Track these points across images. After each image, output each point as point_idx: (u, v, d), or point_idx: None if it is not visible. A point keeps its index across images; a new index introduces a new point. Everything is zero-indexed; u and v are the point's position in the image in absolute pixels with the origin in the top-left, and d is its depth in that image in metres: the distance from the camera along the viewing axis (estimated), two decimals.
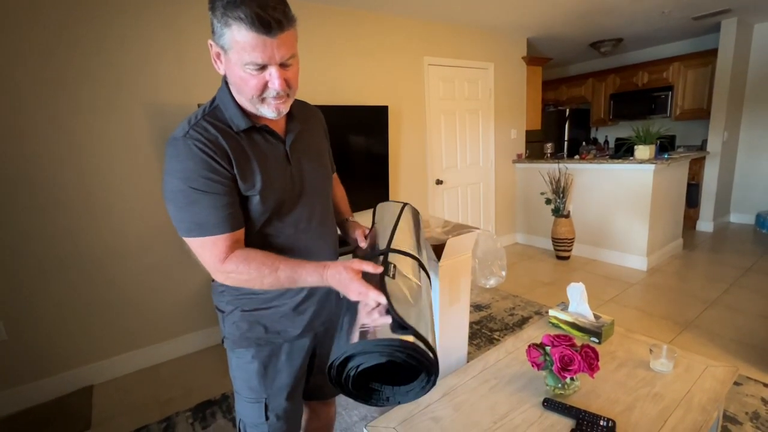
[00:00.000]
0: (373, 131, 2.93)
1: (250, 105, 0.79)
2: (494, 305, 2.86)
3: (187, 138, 0.75)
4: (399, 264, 0.81)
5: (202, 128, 0.77)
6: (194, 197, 0.74)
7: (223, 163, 0.76)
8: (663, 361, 1.24)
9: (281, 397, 0.96)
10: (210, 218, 0.75)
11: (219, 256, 0.77)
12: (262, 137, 0.84)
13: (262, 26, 0.68)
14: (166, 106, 2.25)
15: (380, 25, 3.07)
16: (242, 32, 0.69)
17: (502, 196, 4.23)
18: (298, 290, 0.92)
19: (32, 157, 1.94)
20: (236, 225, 0.78)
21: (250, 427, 0.97)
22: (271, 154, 0.85)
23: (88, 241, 2.11)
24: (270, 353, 0.93)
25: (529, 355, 1.17)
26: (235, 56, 0.72)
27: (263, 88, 0.76)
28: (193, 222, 0.75)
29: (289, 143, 0.88)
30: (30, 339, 2.01)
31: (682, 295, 2.83)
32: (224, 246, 0.77)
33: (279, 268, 0.78)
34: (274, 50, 0.72)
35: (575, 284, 1.51)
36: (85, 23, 1.99)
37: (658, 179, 3.22)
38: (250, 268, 0.77)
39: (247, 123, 0.81)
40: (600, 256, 3.64)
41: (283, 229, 0.88)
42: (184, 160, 0.73)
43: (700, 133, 4.72)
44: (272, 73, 0.74)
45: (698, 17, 3.81)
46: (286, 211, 0.87)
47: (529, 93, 4.33)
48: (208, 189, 0.74)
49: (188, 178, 0.73)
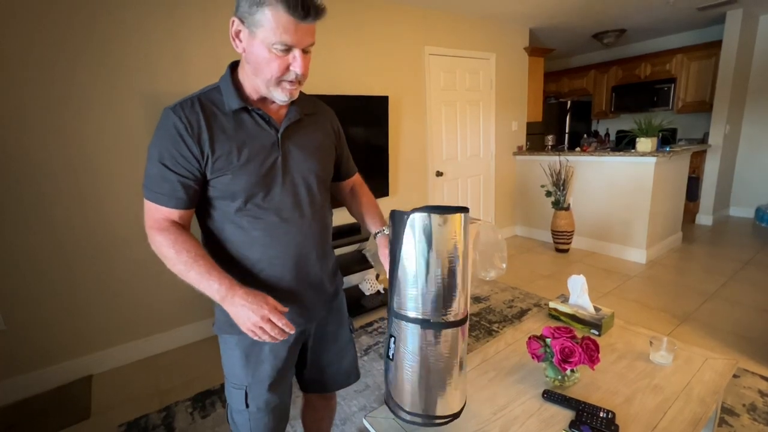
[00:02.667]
0: (373, 121, 2.90)
1: (264, 87, 0.82)
2: (493, 297, 2.86)
3: (173, 111, 0.80)
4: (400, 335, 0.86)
5: (189, 105, 0.82)
6: (158, 167, 0.80)
7: (193, 145, 0.80)
8: (663, 353, 1.24)
9: (262, 387, 0.96)
10: (162, 189, 0.81)
11: (153, 223, 0.83)
12: (253, 120, 0.86)
13: (302, 11, 0.72)
14: (164, 96, 2.21)
15: (381, 13, 3.02)
16: (279, 13, 0.72)
17: (502, 188, 4.21)
18: (286, 280, 0.93)
19: (29, 148, 1.91)
20: (181, 205, 0.83)
21: (234, 412, 0.99)
22: (258, 137, 0.86)
23: (86, 231, 2.09)
24: (253, 343, 0.94)
25: (529, 347, 1.17)
26: (264, 35, 0.74)
27: (285, 71, 0.79)
28: (149, 184, 0.82)
29: (282, 130, 0.88)
30: (29, 329, 2.00)
31: (681, 288, 2.83)
32: (161, 216, 0.83)
33: (197, 264, 0.80)
34: (303, 35, 0.76)
35: (576, 276, 1.50)
36: (83, 13, 1.94)
37: (659, 172, 3.21)
38: (170, 249, 0.81)
39: (239, 104, 0.83)
40: (599, 249, 3.64)
41: (265, 216, 0.88)
42: (162, 134, 0.80)
43: (702, 126, 4.70)
44: (296, 56, 0.78)
45: (703, 8, 3.76)
46: (264, 195, 0.87)
47: (530, 84, 4.29)
48: (171, 167, 0.80)
49: (160, 151, 0.80)
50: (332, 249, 1.10)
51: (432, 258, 0.81)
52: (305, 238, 0.94)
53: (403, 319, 0.85)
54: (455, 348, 0.86)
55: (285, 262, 0.92)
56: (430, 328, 0.83)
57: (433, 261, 0.81)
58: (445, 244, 0.81)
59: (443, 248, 0.81)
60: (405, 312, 0.85)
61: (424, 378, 0.86)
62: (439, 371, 0.86)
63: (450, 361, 0.86)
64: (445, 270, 0.82)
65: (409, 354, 0.85)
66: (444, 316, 0.83)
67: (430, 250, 0.80)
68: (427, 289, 0.82)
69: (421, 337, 0.84)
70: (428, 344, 0.84)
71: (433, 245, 0.80)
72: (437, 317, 0.83)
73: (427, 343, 0.84)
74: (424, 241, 0.80)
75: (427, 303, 0.83)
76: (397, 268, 0.85)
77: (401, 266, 0.84)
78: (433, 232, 0.80)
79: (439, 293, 0.82)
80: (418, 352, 0.85)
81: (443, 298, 0.82)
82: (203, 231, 0.93)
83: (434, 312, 0.83)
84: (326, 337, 1.09)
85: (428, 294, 0.82)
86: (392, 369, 0.90)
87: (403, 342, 0.86)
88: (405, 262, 0.83)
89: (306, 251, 0.95)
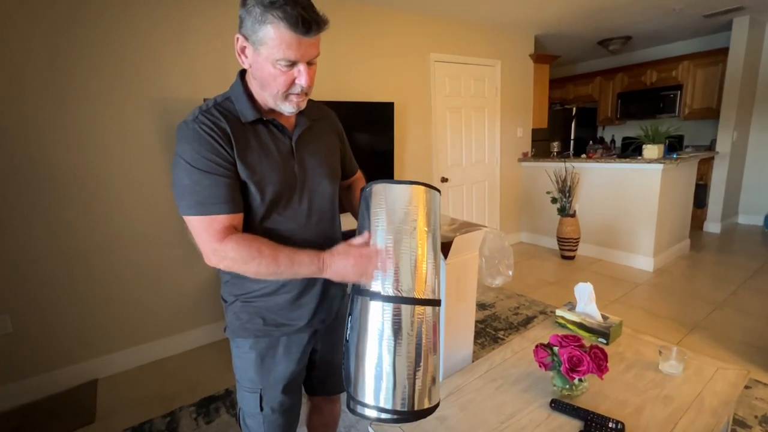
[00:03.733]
0: (379, 128, 2.92)
1: (272, 101, 0.82)
2: (498, 304, 2.84)
3: (195, 122, 0.79)
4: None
5: (210, 114, 0.81)
6: (197, 177, 0.77)
7: (226, 147, 0.79)
8: (672, 362, 1.22)
9: (276, 389, 0.96)
10: (210, 197, 0.77)
11: (216, 236, 0.78)
12: (268, 130, 0.87)
13: (303, 26, 0.72)
14: (172, 101, 2.24)
15: (387, 21, 3.05)
16: (281, 30, 0.72)
17: (507, 194, 4.20)
18: (296, 283, 0.93)
19: (38, 151, 1.94)
20: (235, 208, 0.80)
21: (247, 417, 0.99)
22: (275, 146, 0.87)
23: (93, 236, 2.11)
24: (267, 345, 0.94)
25: (536, 356, 1.16)
26: (268, 52, 0.75)
27: (290, 85, 0.79)
28: (193, 200, 0.77)
29: (296, 138, 0.90)
30: (36, 332, 2.02)
31: (690, 296, 2.80)
32: (221, 226, 0.78)
33: (280, 252, 0.79)
34: (307, 49, 0.76)
35: (583, 284, 1.49)
36: (93, 18, 1.98)
37: (666, 179, 3.19)
38: (251, 249, 0.78)
39: (255, 115, 0.84)
40: (606, 256, 3.61)
41: (285, 224, 0.89)
42: (191, 141, 0.77)
43: (709, 133, 4.67)
44: (301, 70, 0.78)
45: (709, 15, 3.76)
46: (285, 204, 0.88)
47: (535, 91, 4.29)
48: (210, 170, 0.77)
49: (193, 159, 0.77)
50: None
51: (383, 227, 0.78)
52: (322, 242, 0.95)
53: (361, 293, 0.80)
54: (413, 329, 0.78)
55: None
56: (385, 302, 0.77)
57: (386, 230, 0.78)
58: (398, 215, 0.78)
59: (396, 218, 0.78)
60: (364, 286, 0.80)
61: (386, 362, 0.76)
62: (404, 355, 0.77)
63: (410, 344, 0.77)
64: (400, 241, 0.78)
65: (367, 334, 0.78)
66: (399, 291, 0.77)
67: (386, 220, 0.78)
68: (382, 261, 0.78)
69: (379, 312, 0.77)
70: (385, 321, 0.77)
71: (386, 215, 0.78)
72: (393, 291, 0.77)
73: (384, 320, 0.77)
74: (380, 211, 0.79)
75: (384, 276, 0.78)
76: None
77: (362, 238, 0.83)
78: (387, 200, 0.79)
79: (392, 266, 0.77)
80: (373, 330, 0.77)
81: (396, 272, 0.77)
82: None
83: (390, 286, 0.77)
84: (335, 337, 1.10)
85: (382, 266, 0.78)
86: (350, 354, 0.81)
87: (361, 320, 0.79)
88: (362, 231, 0.83)
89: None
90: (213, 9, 2.30)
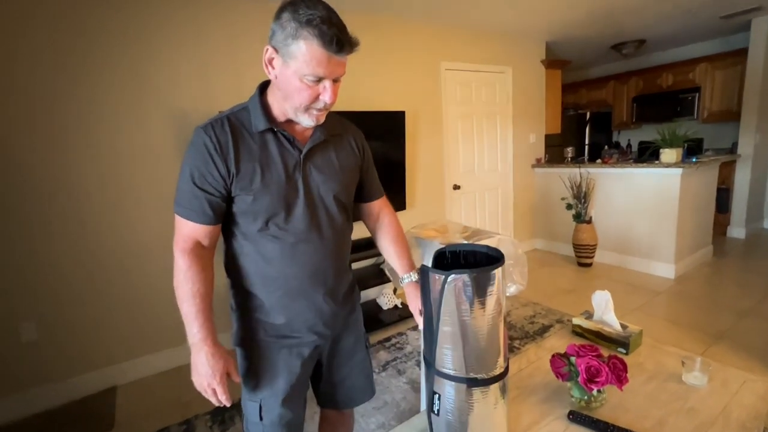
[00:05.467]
0: (390, 137, 2.93)
1: (292, 112, 0.84)
2: (513, 312, 2.79)
3: (204, 130, 0.84)
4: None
5: (219, 124, 0.85)
6: (189, 185, 0.84)
7: (220, 164, 0.83)
8: (696, 374, 1.17)
9: (275, 401, 0.96)
10: (192, 205, 0.84)
11: (180, 237, 0.86)
12: (278, 141, 0.88)
13: (336, 46, 0.75)
14: (189, 113, 2.31)
15: (397, 30, 3.08)
16: (314, 47, 0.74)
17: (520, 201, 4.16)
18: (292, 295, 0.93)
19: (62, 164, 2.02)
20: (208, 221, 0.86)
21: (250, 424, 0.99)
22: (281, 158, 0.87)
23: (113, 245, 2.17)
24: (266, 357, 0.95)
25: (553, 366, 1.13)
26: (297, 66, 0.77)
27: (314, 99, 0.81)
28: (180, 200, 0.85)
29: (306, 151, 0.90)
30: (59, 339, 2.08)
31: (714, 304, 2.70)
32: (189, 233, 0.85)
33: (193, 300, 0.85)
34: (335, 67, 0.79)
35: (600, 292, 1.45)
36: (114, 33, 2.07)
37: (686, 183, 3.11)
38: (179, 274, 0.84)
39: (265, 125, 0.86)
40: (624, 263, 3.52)
41: (285, 237, 0.89)
42: (194, 152, 0.84)
43: (730, 136, 4.54)
44: (326, 86, 0.81)
45: (726, 16, 3.68)
46: (285, 216, 0.88)
47: (548, 97, 4.26)
48: (200, 185, 0.84)
49: (191, 170, 0.84)
50: (350, 266, 1.10)
51: (472, 318, 0.76)
52: (323, 258, 0.95)
53: (443, 376, 0.81)
54: (497, 401, 0.82)
55: (301, 280, 0.93)
56: (473, 386, 0.79)
57: (473, 321, 0.76)
58: (486, 302, 0.77)
59: (485, 305, 0.77)
60: (444, 370, 0.81)
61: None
62: (482, 426, 0.82)
63: (486, 415, 0.81)
64: (487, 327, 0.78)
65: (452, 410, 0.82)
66: (486, 372, 0.79)
67: (471, 311, 0.76)
68: (468, 350, 0.78)
69: (463, 393, 0.80)
70: (469, 401, 0.80)
71: (474, 305, 0.76)
72: (478, 374, 0.79)
73: (468, 400, 0.80)
74: (465, 301, 0.76)
75: (469, 361, 0.78)
76: (436, 330, 0.80)
77: (440, 329, 0.79)
78: (474, 293, 0.75)
79: (480, 352, 0.78)
80: (459, 408, 0.81)
81: (485, 356, 0.79)
82: (226, 244, 0.95)
83: (475, 370, 0.79)
84: (341, 353, 1.09)
85: (469, 354, 0.78)
86: (437, 424, 0.86)
87: (445, 398, 0.82)
88: (443, 326, 0.79)
89: (323, 269, 0.95)
90: (229, 29, 2.37)
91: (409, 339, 2.53)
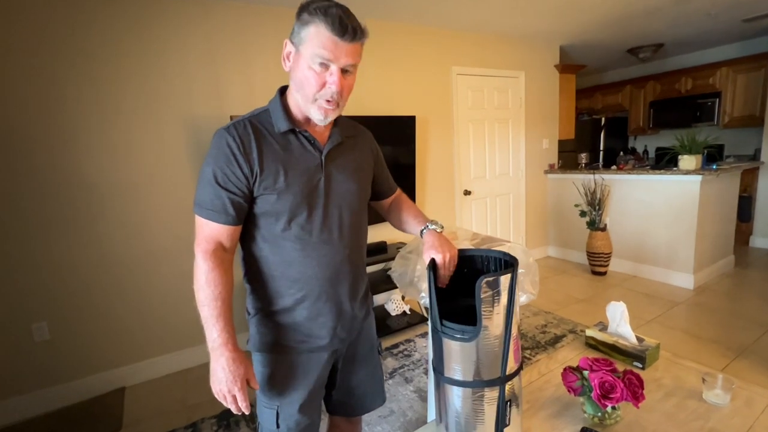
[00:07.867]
0: (401, 141, 2.92)
1: (303, 103, 0.86)
2: (525, 321, 2.73)
3: (227, 131, 0.84)
4: None
5: (242, 126, 0.86)
6: (211, 185, 0.84)
7: (244, 164, 0.83)
8: (718, 392, 1.12)
9: (293, 408, 0.95)
10: (214, 205, 0.84)
11: (202, 238, 0.86)
12: (299, 142, 0.89)
13: (341, 28, 0.78)
14: (201, 119, 2.33)
15: (408, 36, 3.08)
16: (320, 29, 0.78)
17: (533, 207, 4.09)
18: (312, 299, 0.93)
19: (78, 167, 2.06)
20: (230, 221, 0.85)
21: (265, 431, 0.98)
22: (303, 158, 0.88)
23: (125, 248, 2.20)
24: (285, 362, 0.94)
25: (564, 379, 1.09)
26: (305, 50, 0.80)
27: (321, 86, 0.82)
28: (201, 201, 0.85)
29: (326, 152, 0.91)
30: (70, 340, 2.11)
31: (735, 317, 2.59)
32: (210, 233, 0.86)
33: (214, 303, 0.83)
34: (341, 52, 0.80)
35: (615, 303, 1.40)
36: (127, 36, 2.11)
37: (706, 191, 3.01)
38: (199, 276, 0.84)
39: (287, 125, 0.87)
40: (640, 273, 3.42)
41: (306, 237, 0.89)
42: (216, 152, 0.84)
43: (753, 142, 4.39)
44: (333, 72, 0.81)
45: (749, 19, 3.57)
46: (308, 215, 0.88)
47: (561, 102, 4.19)
48: (223, 184, 0.83)
49: (214, 170, 0.84)
50: (365, 269, 1.09)
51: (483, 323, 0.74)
52: (343, 259, 0.95)
53: (450, 382, 0.79)
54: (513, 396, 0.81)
55: (322, 282, 0.93)
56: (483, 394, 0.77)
57: (486, 326, 0.74)
58: (499, 307, 0.75)
59: (498, 311, 0.75)
60: (452, 376, 0.79)
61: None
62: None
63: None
64: (498, 332, 0.76)
65: (459, 415, 0.80)
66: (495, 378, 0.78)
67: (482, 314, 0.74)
68: (481, 355, 0.76)
69: (471, 397, 0.78)
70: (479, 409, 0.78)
71: (483, 311, 0.74)
72: (489, 382, 0.78)
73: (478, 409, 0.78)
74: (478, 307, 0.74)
75: (480, 366, 0.77)
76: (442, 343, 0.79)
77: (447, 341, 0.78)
78: (483, 299, 0.73)
79: (492, 356, 0.77)
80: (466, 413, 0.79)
81: (497, 360, 0.77)
82: (243, 248, 0.95)
83: (485, 373, 0.78)
84: (356, 358, 1.08)
85: (482, 359, 0.76)
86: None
87: (451, 404, 0.81)
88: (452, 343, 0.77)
89: (342, 271, 0.95)
90: (240, 38, 2.39)
91: (417, 346, 2.49)
